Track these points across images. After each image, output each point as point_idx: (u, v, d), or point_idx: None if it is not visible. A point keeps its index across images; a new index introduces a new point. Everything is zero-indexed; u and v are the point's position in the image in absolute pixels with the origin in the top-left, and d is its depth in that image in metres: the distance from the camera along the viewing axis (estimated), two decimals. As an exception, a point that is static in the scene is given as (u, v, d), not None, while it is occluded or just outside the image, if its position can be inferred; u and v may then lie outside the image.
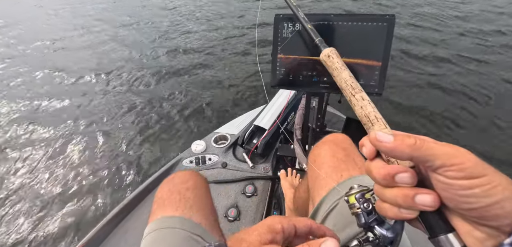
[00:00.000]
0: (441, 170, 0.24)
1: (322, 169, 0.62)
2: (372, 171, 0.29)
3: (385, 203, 0.29)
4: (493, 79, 2.72)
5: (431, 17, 4.31)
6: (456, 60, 3.05)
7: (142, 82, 3.11)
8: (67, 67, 3.57)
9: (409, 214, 0.27)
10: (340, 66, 0.44)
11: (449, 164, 0.24)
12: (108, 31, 4.86)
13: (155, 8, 6.10)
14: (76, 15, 6.07)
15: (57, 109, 2.73)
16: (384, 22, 0.78)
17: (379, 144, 0.28)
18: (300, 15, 0.72)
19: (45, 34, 4.89)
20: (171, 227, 0.55)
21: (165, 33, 4.55)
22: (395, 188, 0.27)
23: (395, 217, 0.28)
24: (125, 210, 1.21)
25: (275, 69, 0.90)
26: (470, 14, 4.43)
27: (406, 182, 0.27)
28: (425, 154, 0.25)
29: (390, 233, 0.31)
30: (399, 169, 0.27)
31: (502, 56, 3.14)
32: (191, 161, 1.42)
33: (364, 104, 0.36)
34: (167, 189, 0.65)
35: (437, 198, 0.25)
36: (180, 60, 3.57)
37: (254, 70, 3.16)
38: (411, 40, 3.51)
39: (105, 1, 6.97)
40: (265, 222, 0.34)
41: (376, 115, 0.34)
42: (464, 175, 0.23)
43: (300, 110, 1.33)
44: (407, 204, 0.27)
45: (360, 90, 0.38)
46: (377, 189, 0.30)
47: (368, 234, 0.32)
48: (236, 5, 5.85)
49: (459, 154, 0.24)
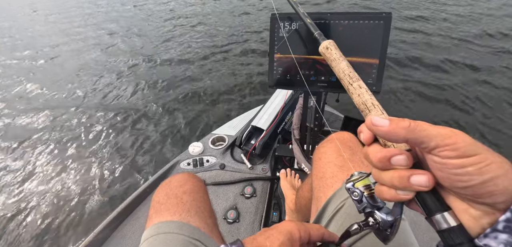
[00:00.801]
0: (435, 151, 0.25)
1: (328, 168, 0.61)
2: (369, 155, 0.30)
3: (383, 186, 0.29)
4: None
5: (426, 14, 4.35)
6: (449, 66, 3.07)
7: (138, 85, 3.09)
8: (69, 68, 3.54)
9: (406, 195, 0.28)
10: (338, 56, 0.45)
11: (443, 144, 0.25)
12: (111, 34, 4.83)
13: (152, 10, 6.08)
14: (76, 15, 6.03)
15: (51, 112, 2.71)
16: (380, 20, 0.78)
17: (375, 129, 0.29)
18: (299, 10, 0.71)
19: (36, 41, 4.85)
20: (168, 232, 0.54)
21: (163, 35, 4.53)
22: (391, 170, 0.28)
23: (392, 199, 0.29)
24: (122, 214, 1.20)
25: (272, 69, 0.89)
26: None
27: (401, 164, 0.28)
28: (419, 135, 0.26)
29: (390, 216, 0.32)
30: (395, 151, 0.28)
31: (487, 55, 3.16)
32: (188, 163, 1.41)
33: (361, 92, 0.36)
34: (164, 193, 0.63)
35: (431, 178, 0.26)
36: (176, 62, 3.56)
37: (252, 71, 3.15)
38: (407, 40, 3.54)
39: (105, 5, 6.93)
40: (284, 229, 0.34)
41: (373, 102, 0.34)
42: (458, 154, 0.24)
43: (298, 110, 1.32)
44: (403, 185, 0.27)
45: (357, 79, 0.39)
46: (375, 173, 0.30)
47: (368, 219, 0.33)
48: (235, 4, 5.85)
49: (453, 134, 0.25)
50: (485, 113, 2.24)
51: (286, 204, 1.16)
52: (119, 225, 1.18)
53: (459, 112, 2.28)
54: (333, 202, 0.55)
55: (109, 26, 5.30)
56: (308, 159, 1.18)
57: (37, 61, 3.95)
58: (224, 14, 5.41)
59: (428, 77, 2.76)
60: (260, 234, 0.36)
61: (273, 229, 0.36)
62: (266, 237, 0.35)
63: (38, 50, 4.34)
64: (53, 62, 3.86)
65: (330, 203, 0.55)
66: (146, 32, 4.75)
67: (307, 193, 0.78)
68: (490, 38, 3.43)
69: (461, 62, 2.95)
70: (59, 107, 2.79)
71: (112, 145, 2.23)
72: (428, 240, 0.99)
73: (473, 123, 2.16)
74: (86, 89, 3.11)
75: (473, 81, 2.63)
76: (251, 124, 1.47)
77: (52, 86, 3.22)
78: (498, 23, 3.84)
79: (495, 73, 2.72)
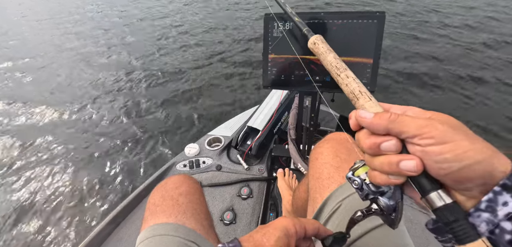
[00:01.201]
0: (415, 140, 0.27)
1: (324, 168, 0.61)
2: (360, 142, 0.31)
3: (375, 171, 0.30)
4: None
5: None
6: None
7: (133, 87, 3.07)
8: (58, 73, 3.50)
9: (397, 180, 0.29)
10: (326, 50, 0.45)
11: (420, 133, 0.26)
12: (103, 36, 4.79)
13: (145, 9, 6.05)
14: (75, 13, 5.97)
15: (43, 114, 2.68)
16: (374, 19, 0.78)
17: (360, 120, 0.31)
18: (287, 9, 0.71)
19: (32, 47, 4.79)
20: (164, 235, 0.54)
21: (156, 36, 4.51)
22: (382, 156, 0.29)
23: (384, 183, 0.30)
24: (119, 217, 1.19)
25: (267, 70, 0.89)
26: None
27: (390, 149, 0.28)
28: (399, 126, 0.27)
29: (392, 201, 0.32)
30: (384, 138, 0.29)
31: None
32: (184, 165, 1.41)
33: (349, 81, 0.37)
34: (159, 195, 0.63)
35: (419, 162, 0.27)
36: (170, 64, 3.54)
37: (247, 71, 3.15)
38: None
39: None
40: (280, 224, 0.35)
41: (361, 90, 0.35)
42: (435, 141, 0.25)
43: (293, 110, 1.32)
44: (393, 170, 0.28)
45: (344, 69, 0.39)
46: (367, 159, 0.31)
47: (372, 206, 0.34)
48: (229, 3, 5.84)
49: (429, 123, 0.26)
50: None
51: (283, 204, 1.16)
52: (115, 228, 1.17)
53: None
54: (329, 203, 0.55)
55: (102, 27, 5.26)
56: (305, 159, 1.19)
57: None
58: (219, 13, 5.40)
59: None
60: (257, 231, 0.36)
61: (269, 226, 0.37)
62: (263, 234, 0.35)
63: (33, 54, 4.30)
64: (42, 65, 3.82)
65: (327, 204, 0.55)
66: (139, 35, 4.72)
67: (303, 194, 0.77)
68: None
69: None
70: (52, 107, 2.77)
71: (108, 148, 2.21)
72: (424, 241, 0.99)
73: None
74: (77, 92, 3.08)
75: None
76: (247, 124, 1.46)
77: (41, 88, 3.18)
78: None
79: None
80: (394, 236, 0.49)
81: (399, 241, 0.48)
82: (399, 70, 2.89)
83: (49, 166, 2.09)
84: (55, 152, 2.23)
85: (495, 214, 0.24)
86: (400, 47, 3.37)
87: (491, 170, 0.24)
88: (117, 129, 2.43)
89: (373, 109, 0.31)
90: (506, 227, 0.24)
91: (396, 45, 3.41)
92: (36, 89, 3.20)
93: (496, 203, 0.24)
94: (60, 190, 1.89)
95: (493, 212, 0.24)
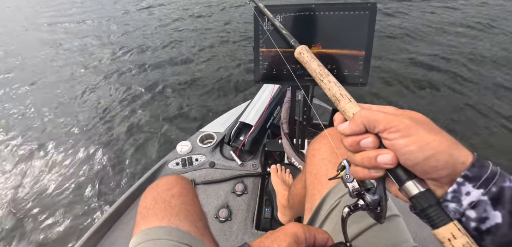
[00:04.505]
0: (385, 134, 0.29)
1: (322, 165, 0.60)
2: (343, 140, 0.34)
3: (357, 166, 0.33)
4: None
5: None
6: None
7: (121, 84, 3.00)
8: (44, 67, 3.39)
9: (377, 173, 0.31)
10: (310, 59, 0.49)
11: (389, 127, 0.29)
12: (93, 28, 4.65)
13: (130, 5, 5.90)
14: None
15: (36, 117, 2.60)
16: (365, 10, 0.77)
17: (341, 132, 0.34)
18: (276, 23, 0.73)
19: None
20: (157, 239, 0.52)
21: (146, 31, 4.41)
22: (362, 152, 0.32)
23: (365, 177, 0.32)
24: (110, 220, 1.16)
25: (258, 64, 0.87)
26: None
27: (368, 145, 0.31)
28: (371, 121, 0.30)
29: (376, 196, 0.34)
30: (362, 136, 0.32)
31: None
32: (177, 163, 1.38)
33: (331, 85, 0.40)
34: (151, 198, 0.61)
35: (394, 155, 0.29)
36: (161, 60, 3.47)
37: (239, 65, 3.12)
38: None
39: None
40: (291, 230, 0.36)
41: (342, 92, 0.38)
42: (401, 134, 0.28)
43: (286, 104, 1.31)
44: (372, 164, 0.31)
45: (327, 75, 0.43)
46: (349, 155, 0.34)
47: (358, 201, 0.36)
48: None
49: (396, 118, 0.29)
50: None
51: (278, 199, 1.15)
52: (107, 232, 1.15)
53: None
54: (328, 201, 0.54)
55: (84, 20, 5.11)
56: (298, 153, 1.18)
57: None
58: (210, 8, 5.31)
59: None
60: (266, 237, 0.37)
61: (279, 231, 0.37)
62: (273, 240, 0.36)
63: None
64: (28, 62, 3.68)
65: (325, 201, 0.55)
66: (128, 29, 4.60)
67: (300, 190, 0.77)
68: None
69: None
70: (44, 107, 2.68)
71: (94, 150, 2.16)
72: (421, 239, 1.00)
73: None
74: (66, 90, 2.99)
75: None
76: (240, 120, 1.45)
77: (35, 87, 3.08)
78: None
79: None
80: (393, 233, 0.49)
81: (398, 237, 0.48)
82: (392, 68, 2.91)
83: (32, 168, 2.03)
84: (40, 152, 2.16)
85: (460, 204, 0.26)
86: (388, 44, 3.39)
87: (453, 162, 0.26)
88: (107, 127, 2.37)
89: (352, 109, 0.34)
90: (471, 215, 0.26)
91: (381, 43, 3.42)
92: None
93: (460, 193, 0.26)
94: (47, 193, 1.84)
95: (458, 202, 0.26)
